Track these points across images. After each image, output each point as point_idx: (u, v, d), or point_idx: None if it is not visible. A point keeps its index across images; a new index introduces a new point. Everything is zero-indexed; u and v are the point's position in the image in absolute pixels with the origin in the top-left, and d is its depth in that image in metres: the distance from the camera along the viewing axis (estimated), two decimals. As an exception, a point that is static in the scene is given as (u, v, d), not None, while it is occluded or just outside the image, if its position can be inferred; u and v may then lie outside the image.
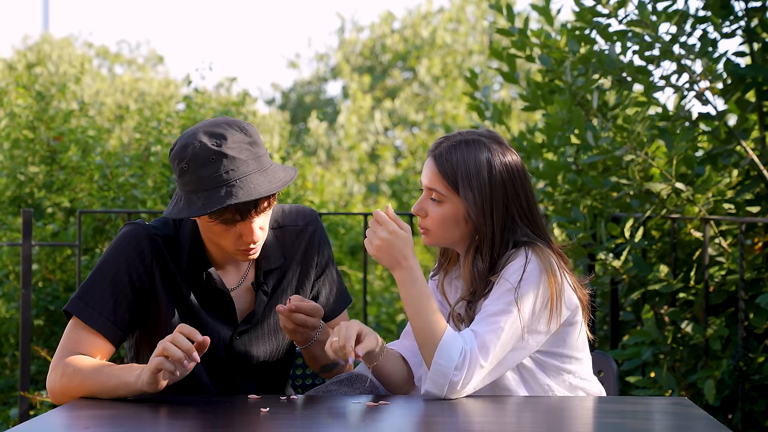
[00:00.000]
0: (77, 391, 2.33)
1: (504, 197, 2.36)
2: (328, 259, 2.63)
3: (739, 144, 4.07)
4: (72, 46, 17.94)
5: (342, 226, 7.39)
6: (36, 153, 5.93)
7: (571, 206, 4.29)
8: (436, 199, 2.38)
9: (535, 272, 2.31)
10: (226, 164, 2.30)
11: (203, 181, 2.30)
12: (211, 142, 2.31)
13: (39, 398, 4.49)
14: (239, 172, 2.31)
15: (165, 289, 2.45)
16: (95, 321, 2.40)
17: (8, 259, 5.57)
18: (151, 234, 2.45)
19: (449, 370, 2.25)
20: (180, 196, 2.36)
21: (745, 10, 4.18)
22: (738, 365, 3.74)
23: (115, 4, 47.80)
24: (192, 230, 2.46)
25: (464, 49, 18.88)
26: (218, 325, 2.48)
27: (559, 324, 2.34)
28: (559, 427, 2.13)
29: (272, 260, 2.53)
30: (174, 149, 2.36)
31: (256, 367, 2.54)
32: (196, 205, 2.30)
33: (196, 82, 8.18)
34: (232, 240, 2.37)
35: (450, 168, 2.36)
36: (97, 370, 2.33)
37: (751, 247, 4.04)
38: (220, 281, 2.47)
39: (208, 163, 2.30)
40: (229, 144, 2.32)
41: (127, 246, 2.44)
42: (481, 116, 4.85)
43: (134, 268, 2.43)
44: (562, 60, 4.31)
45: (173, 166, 2.37)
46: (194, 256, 2.46)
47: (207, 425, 2.12)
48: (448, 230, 2.39)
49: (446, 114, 15.68)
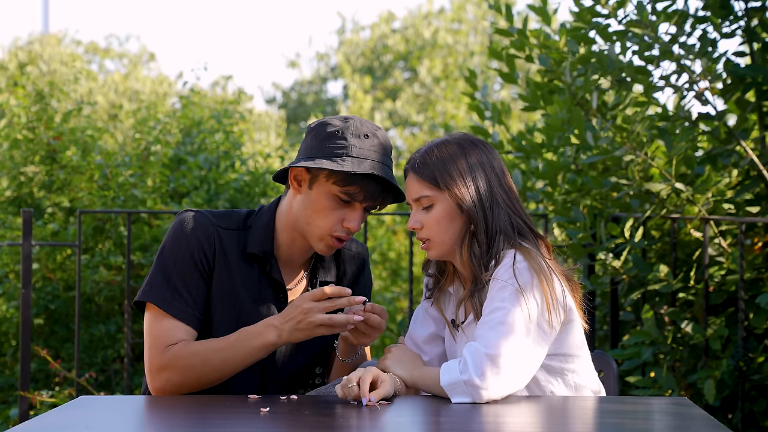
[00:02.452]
0: (202, 378, 2.37)
1: (485, 181, 2.41)
2: (369, 290, 2.71)
3: (739, 144, 4.07)
4: (60, 44, 17.89)
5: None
6: (36, 153, 5.93)
7: (571, 206, 4.29)
8: (426, 206, 2.43)
9: (525, 272, 2.32)
10: (375, 145, 2.43)
11: (351, 146, 2.40)
12: (370, 125, 2.45)
13: (39, 398, 4.49)
14: (380, 157, 2.44)
15: (222, 279, 2.47)
16: (177, 310, 2.41)
17: (8, 258, 5.57)
18: (214, 223, 2.49)
19: (456, 376, 2.26)
20: (316, 156, 2.41)
21: (745, 10, 4.18)
22: (738, 365, 3.74)
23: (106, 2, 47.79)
24: (268, 219, 2.51)
25: (465, 49, 18.88)
26: None
27: (561, 322, 2.35)
28: (559, 427, 2.13)
29: (329, 273, 2.60)
30: (325, 120, 2.46)
31: (289, 373, 2.56)
32: (337, 164, 2.37)
33: (191, 82, 8.18)
34: (332, 221, 2.43)
35: (428, 170, 2.42)
36: (214, 349, 2.38)
37: (751, 247, 4.04)
38: (279, 272, 2.50)
39: (363, 138, 2.42)
40: (381, 133, 2.47)
41: (195, 228, 2.46)
42: (480, 116, 4.85)
43: (202, 250, 2.45)
44: (561, 60, 4.31)
45: (320, 130, 2.44)
46: (265, 243, 2.49)
47: (207, 425, 2.12)
48: (446, 229, 2.42)
49: (447, 115, 15.68)
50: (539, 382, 2.40)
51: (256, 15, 48.06)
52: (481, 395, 2.24)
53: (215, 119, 6.61)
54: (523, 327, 2.28)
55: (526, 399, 2.34)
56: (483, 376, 2.24)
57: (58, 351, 5.53)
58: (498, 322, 2.28)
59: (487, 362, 2.24)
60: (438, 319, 2.57)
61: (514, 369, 2.27)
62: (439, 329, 2.58)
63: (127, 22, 44.70)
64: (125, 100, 15.85)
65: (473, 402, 2.25)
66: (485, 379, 2.24)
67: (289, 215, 2.49)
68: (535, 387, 2.41)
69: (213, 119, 6.61)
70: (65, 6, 45.79)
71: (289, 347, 2.55)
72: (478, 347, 2.26)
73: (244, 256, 2.49)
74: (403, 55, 19.68)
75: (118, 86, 16.46)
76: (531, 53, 4.45)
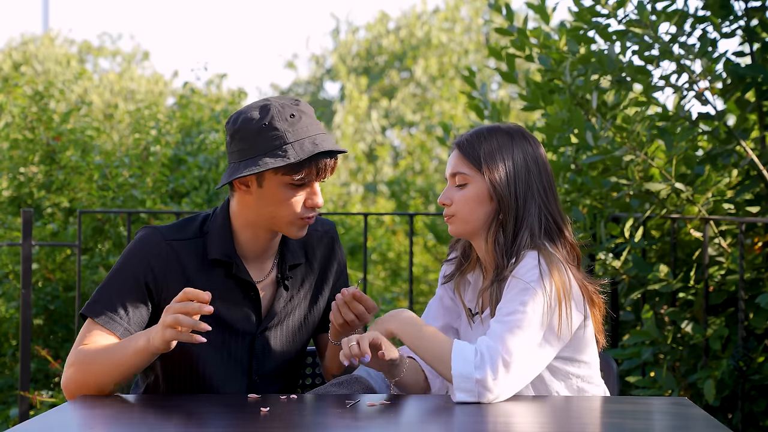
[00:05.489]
0: (91, 375, 2.34)
1: (526, 173, 2.41)
2: (344, 267, 2.69)
3: (739, 144, 4.07)
4: (53, 44, 17.87)
5: (342, 226, 7.40)
6: (35, 153, 5.93)
7: (571, 206, 4.29)
8: (460, 183, 2.43)
9: (547, 277, 2.31)
10: (305, 121, 2.39)
11: (285, 135, 2.36)
12: (289, 102, 2.40)
13: (39, 398, 4.49)
14: (315, 128, 2.40)
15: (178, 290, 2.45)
16: (110, 323, 2.41)
17: (8, 259, 5.57)
18: (167, 238, 2.47)
19: (470, 371, 2.25)
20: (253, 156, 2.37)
21: (745, 9, 4.18)
22: (738, 365, 3.74)
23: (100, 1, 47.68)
24: (223, 222, 2.49)
25: (460, 48, 18.87)
26: (242, 322, 2.49)
27: (572, 327, 2.34)
28: (559, 427, 2.13)
29: (296, 255, 2.57)
30: (244, 117, 2.39)
31: (276, 368, 2.55)
32: (281, 158, 2.34)
33: (191, 82, 8.17)
34: (296, 207, 2.41)
35: (472, 149, 2.43)
36: (105, 348, 2.35)
37: (751, 247, 4.04)
38: (246, 272, 2.49)
39: (290, 119, 2.38)
40: (303, 105, 2.42)
41: (143, 249, 2.46)
42: (479, 115, 4.85)
43: (149, 271, 2.44)
44: (561, 60, 4.31)
45: (245, 129, 2.38)
46: (225, 247, 2.47)
47: (207, 425, 2.12)
48: (473, 210, 2.42)
49: (444, 114, 15.67)
50: (546, 385, 2.40)
51: (252, 16, 48.07)
52: (487, 397, 2.24)
53: (215, 119, 6.61)
54: (539, 334, 2.29)
55: (526, 399, 2.34)
56: (496, 379, 2.24)
57: (58, 351, 5.53)
58: (517, 326, 2.28)
59: (502, 366, 2.24)
60: (452, 310, 2.57)
61: (522, 375, 2.28)
62: (452, 320, 2.57)
63: (121, 20, 44.67)
64: (120, 99, 15.84)
65: (476, 402, 2.25)
66: (497, 383, 2.24)
67: (246, 215, 2.46)
68: (542, 389, 2.41)
69: (213, 120, 6.61)
70: (63, 6, 45.77)
71: (265, 343, 2.53)
72: (496, 348, 2.26)
73: (206, 262, 2.48)
74: (399, 56, 19.67)
75: (113, 86, 16.45)
76: (531, 53, 4.45)
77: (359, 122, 17.88)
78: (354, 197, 13.66)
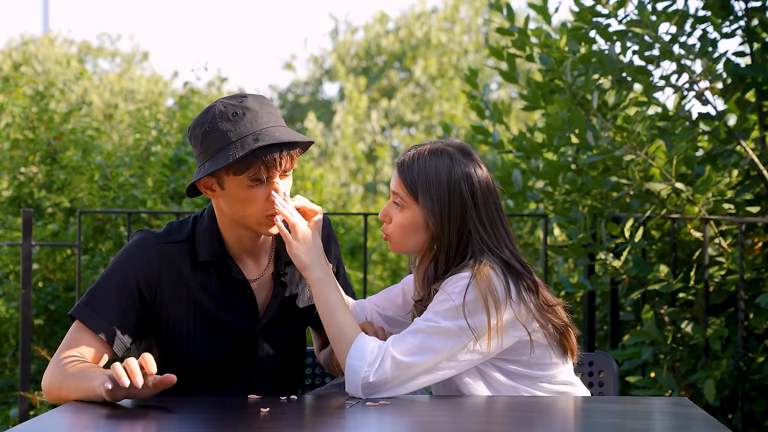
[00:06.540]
0: (60, 390, 2.33)
1: (462, 208, 2.36)
2: (339, 258, 2.68)
3: (739, 144, 4.07)
4: (53, 44, 17.87)
5: (342, 226, 7.40)
6: (36, 153, 5.93)
7: (571, 206, 4.29)
8: (399, 204, 2.41)
9: (473, 292, 2.28)
10: (249, 117, 2.36)
11: (227, 135, 2.34)
12: (233, 101, 2.38)
13: (39, 398, 4.49)
14: (262, 122, 2.36)
15: (176, 297, 2.45)
16: (97, 324, 2.40)
17: (8, 259, 5.57)
18: (160, 241, 2.47)
19: (361, 367, 2.29)
20: (205, 161, 2.38)
21: (745, 10, 4.18)
22: (738, 365, 3.74)
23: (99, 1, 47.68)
24: (210, 223, 2.49)
25: (460, 48, 18.87)
26: (239, 322, 2.49)
27: (502, 347, 2.33)
28: (558, 427, 2.13)
29: None
30: (194, 122, 2.41)
31: (275, 365, 2.55)
32: (224, 158, 2.33)
33: (191, 82, 8.17)
34: (260, 204, 2.39)
35: (411, 176, 2.39)
36: (79, 371, 2.32)
37: (751, 247, 4.04)
38: (239, 271, 2.48)
39: (233, 118, 2.35)
40: (249, 101, 2.39)
41: (135, 254, 2.45)
42: (480, 115, 4.85)
43: (142, 276, 2.43)
44: (562, 60, 4.31)
45: (195, 134, 2.40)
46: (214, 248, 2.47)
47: (207, 425, 2.12)
48: (408, 236, 2.41)
49: (444, 114, 15.67)
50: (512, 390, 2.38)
51: (251, 16, 48.05)
52: (361, 393, 2.29)
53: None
54: (445, 346, 2.29)
55: (525, 399, 2.34)
56: (379, 381, 2.28)
57: (57, 351, 5.53)
58: (424, 333, 2.30)
59: (393, 368, 2.28)
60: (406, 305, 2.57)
61: (408, 383, 2.30)
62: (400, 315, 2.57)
63: (120, 21, 44.64)
64: (120, 99, 15.84)
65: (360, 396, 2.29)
66: (377, 386, 2.28)
67: (225, 215, 2.47)
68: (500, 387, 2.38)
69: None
70: (63, 6, 45.78)
71: (264, 341, 2.52)
72: (392, 353, 2.28)
73: (200, 263, 2.48)
74: (398, 56, 19.67)
75: (113, 86, 16.45)
76: (531, 52, 4.45)
77: (359, 122, 17.88)
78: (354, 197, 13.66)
